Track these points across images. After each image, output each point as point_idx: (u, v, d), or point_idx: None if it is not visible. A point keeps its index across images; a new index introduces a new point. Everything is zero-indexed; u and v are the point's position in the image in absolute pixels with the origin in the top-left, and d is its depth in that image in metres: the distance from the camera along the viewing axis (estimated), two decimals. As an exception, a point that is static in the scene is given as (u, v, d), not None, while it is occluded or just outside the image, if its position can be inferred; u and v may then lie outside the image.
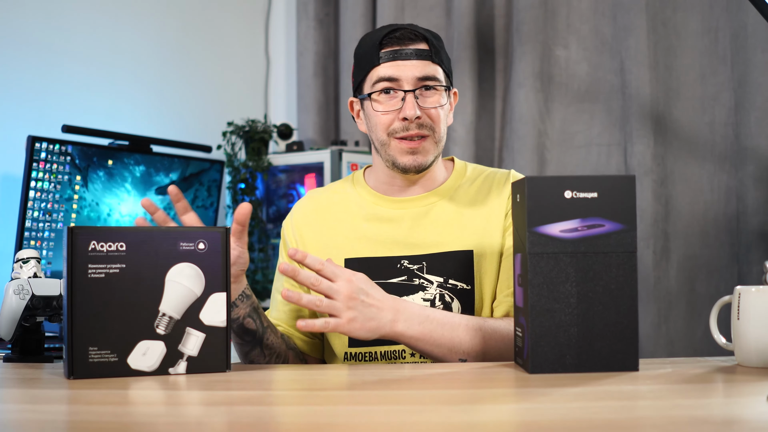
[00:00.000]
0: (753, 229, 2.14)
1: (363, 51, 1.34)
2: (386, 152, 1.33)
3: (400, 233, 1.34)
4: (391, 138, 1.31)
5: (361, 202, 1.39)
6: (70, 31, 2.25)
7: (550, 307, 1.03)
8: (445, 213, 1.35)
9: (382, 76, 1.30)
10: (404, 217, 1.36)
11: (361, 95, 1.35)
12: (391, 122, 1.31)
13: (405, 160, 1.31)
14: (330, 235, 1.37)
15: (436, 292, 1.30)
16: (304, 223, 1.40)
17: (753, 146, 2.15)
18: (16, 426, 0.80)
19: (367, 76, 1.33)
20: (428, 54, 1.31)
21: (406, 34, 1.31)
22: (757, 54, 2.14)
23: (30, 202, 1.95)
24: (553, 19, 2.40)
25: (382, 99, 1.31)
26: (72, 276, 1.02)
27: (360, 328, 1.14)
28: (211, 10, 2.70)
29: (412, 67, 1.30)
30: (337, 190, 1.44)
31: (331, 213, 1.40)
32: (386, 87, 1.30)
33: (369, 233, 1.35)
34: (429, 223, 1.34)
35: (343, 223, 1.38)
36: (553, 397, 0.88)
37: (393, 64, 1.30)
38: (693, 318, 2.22)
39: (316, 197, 1.45)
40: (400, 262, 1.32)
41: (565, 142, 2.38)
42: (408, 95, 1.29)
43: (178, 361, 1.05)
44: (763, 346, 1.05)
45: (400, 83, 1.30)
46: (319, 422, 0.82)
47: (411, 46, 1.31)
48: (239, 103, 2.76)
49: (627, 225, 1.03)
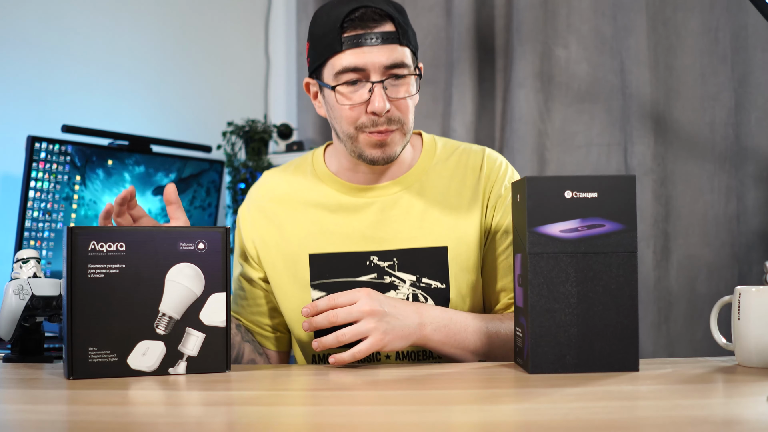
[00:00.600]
0: (753, 229, 2.14)
1: (321, 31, 1.21)
2: (353, 144, 1.23)
3: (368, 226, 1.27)
4: (359, 132, 1.22)
5: (324, 190, 1.30)
6: (70, 31, 2.25)
7: (550, 307, 1.03)
8: (416, 204, 1.27)
9: (347, 66, 1.18)
10: (371, 208, 1.27)
11: (321, 82, 1.24)
12: (358, 116, 1.20)
13: (373, 153, 1.22)
14: (291, 229, 1.29)
15: (408, 291, 1.24)
16: (261, 217, 1.32)
17: (753, 146, 2.15)
18: (16, 426, 0.80)
19: (327, 61, 1.21)
20: (395, 36, 1.19)
21: (368, 14, 1.18)
22: (757, 54, 2.14)
23: (30, 202, 1.95)
24: (553, 19, 2.39)
25: (346, 91, 1.20)
26: (72, 276, 1.02)
27: (394, 339, 1.12)
28: (211, 10, 2.70)
29: (378, 54, 1.18)
30: (297, 176, 1.34)
31: (291, 203, 1.31)
32: (352, 78, 1.19)
33: (334, 226, 1.27)
34: (398, 215, 1.27)
35: (305, 215, 1.29)
36: (553, 397, 0.88)
37: (357, 52, 1.18)
38: (693, 318, 2.21)
39: (273, 183, 1.35)
40: (369, 259, 1.25)
41: (565, 142, 2.38)
42: (376, 87, 1.18)
43: (178, 361, 1.05)
44: (763, 346, 1.05)
45: (367, 73, 1.19)
46: (319, 422, 0.82)
47: (376, 29, 1.18)
48: (239, 103, 2.76)
49: (627, 225, 1.03)
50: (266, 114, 2.85)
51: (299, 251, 1.27)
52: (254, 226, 1.32)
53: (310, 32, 1.25)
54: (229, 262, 1.09)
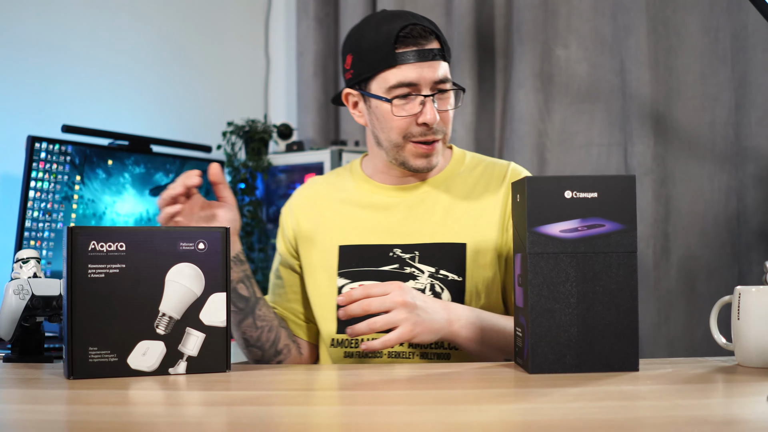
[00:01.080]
0: (753, 229, 2.14)
1: (370, 46, 1.28)
2: (399, 153, 1.32)
3: (394, 222, 1.35)
4: (407, 141, 1.30)
5: (357, 190, 1.41)
6: (70, 31, 2.25)
7: (550, 307, 1.03)
8: (440, 203, 1.36)
9: (401, 81, 1.27)
10: (399, 206, 1.37)
11: (367, 93, 1.31)
12: (408, 126, 1.29)
13: (418, 163, 1.32)
14: (325, 222, 1.39)
15: (427, 281, 1.31)
16: (301, 212, 1.43)
17: (753, 146, 2.15)
18: (16, 426, 0.80)
19: (377, 75, 1.28)
20: (441, 53, 1.29)
21: (418, 31, 1.27)
22: (757, 54, 2.14)
23: (30, 202, 1.95)
24: (553, 19, 2.39)
25: (400, 103, 1.28)
26: (72, 276, 1.02)
27: (424, 331, 1.17)
28: (211, 10, 2.70)
29: (429, 70, 1.27)
30: (335, 179, 1.46)
31: (327, 201, 1.42)
32: (405, 92, 1.27)
33: (363, 221, 1.37)
34: (423, 213, 1.35)
35: (338, 211, 1.39)
36: (553, 397, 0.88)
37: (411, 67, 1.26)
38: (693, 318, 2.21)
39: (314, 185, 1.47)
40: (392, 251, 1.33)
41: (565, 142, 2.38)
42: (428, 101, 1.27)
43: (178, 361, 1.05)
44: (763, 346, 1.05)
45: (418, 87, 1.27)
46: (319, 422, 0.82)
47: (426, 46, 1.27)
48: (239, 103, 2.76)
49: (627, 225, 1.03)
50: (266, 114, 2.85)
51: (331, 243, 1.37)
52: (294, 219, 1.43)
53: (355, 45, 1.31)
54: (229, 262, 1.09)
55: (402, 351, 1.30)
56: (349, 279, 1.34)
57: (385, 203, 1.37)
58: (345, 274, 1.35)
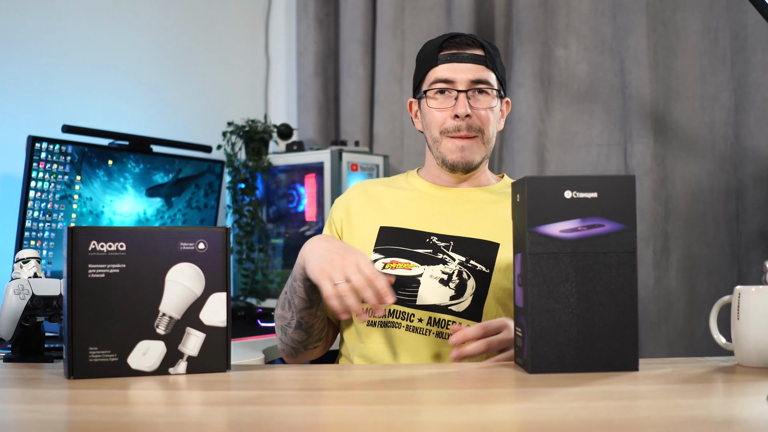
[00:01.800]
0: (753, 229, 2.14)
1: (423, 54, 1.45)
2: (438, 149, 1.43)
3: (436, 213, 1.43)
4: (443, 136, 1.42)
5: (409, 187, 1.51)
6: (70, 31, 2.25)
7: (550, 307, 1.03)
8: (483, 207, 1.44)
9: (439, 77, 1.40)
10: (444, 201, 1.45)
11: (418, 94, 1.46)
12: (443, 120, 1.41)
13: (454, 156, 1.41)
14: (373, 207, 1.48)
15: (456, 268, 1.37)
16: (355, 200, 1.50)
17: (753, 146, 2.15)
18: (16, 426, 0.80)
19: (425, 77, 1.44)
20: (483, 59, 1.41)
21: (465, 40, 1.42)
22: (757, 54, 2.14)
23: (30, 202, 1.95)
24: (553, 19, 2.40)
25: (437, 97, 1.42)
26: (72, 276, 1.02)
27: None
28: (211, 10, 2.70)
29: (467, 71, 1.40)
30: (390, 179, 1.57)
31: (379, 192, 1.51)
32: (442, 87, 1.40)
33: (408, 209, 1.45)
34: (465, 212, 1.43)
35: (387, 200, 1.48)
36: (553, 397, 0.88)
37: (450, 66, 1.40)
38: (693, 318, 2.22)
39: (370, 182, 1.57)
40: (429, 237, 1.40)
41: (565, 142, 2.38)
42: (461, 95, 1.39)
43: (178, 361, 1.05)
44: (763, 346, 1.05)
45: (455, 84, 1.40)
46: (319, 422, 0.82)
47: (468, 51, 1.41)
48: (239, 103, 2.76)
49: (627, 225, 1.03)
50: (266, 114, 2.85)
51: (373, 223, 1.45)
52: (346, 208, 1.50)
53: (417, 57, 1.49)
54: (230, 261, 1.09)
55: (420, 327, 1.35)
56: (383, 255, 1.40)
57: (430, 197, 1.47)
58: (379, 251, 1.41)
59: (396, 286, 1.33)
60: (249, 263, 2.52)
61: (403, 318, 1.35)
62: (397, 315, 1.36)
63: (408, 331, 1.35)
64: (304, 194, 2.50)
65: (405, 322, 1.35)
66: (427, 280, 1.36)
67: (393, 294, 1.16)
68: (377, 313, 1.20)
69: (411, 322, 1.35)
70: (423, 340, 1.34)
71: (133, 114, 2.41)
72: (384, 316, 1.36)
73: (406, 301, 1.35)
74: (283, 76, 2.90)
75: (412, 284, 1.36)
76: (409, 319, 1.35)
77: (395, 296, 1.17)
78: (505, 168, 2.43)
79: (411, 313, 1.35)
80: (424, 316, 1.35)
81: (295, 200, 2.52)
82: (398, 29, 2.61)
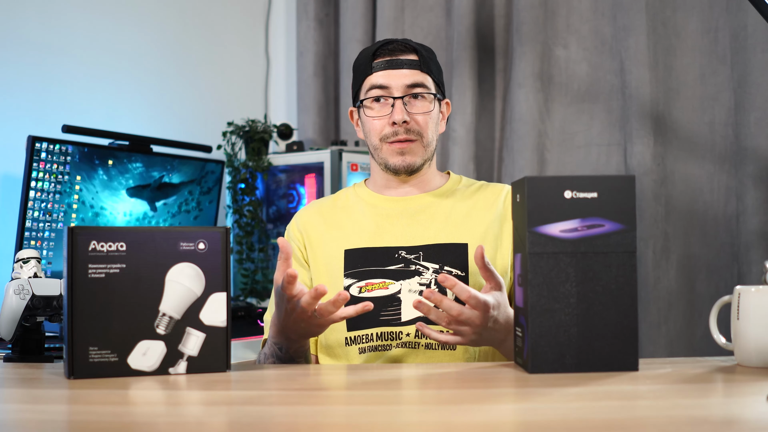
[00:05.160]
0: (753, 229, 2.14)
1: (358, 63, 1.45)
2: (379, 155, 1.43)
3: (398, 227, 1.42)
4: (383, 143, 1.41)
5: (361, 202, 1.49)
6: (70, 31, 2.25)
7: (550, 307, 1.03)
8: (441, 211, 1.44)
9: (374, 84, 1.40)
10: (402, 214, 1.44)
11: (356, 104, 1.46)
12: (382, 128, 1.41)
13: (395, 160, 1.41)
14: (331, 230, 1.45)
15: (432, 276, 1.37)
16: (307, 222, 1.48)
17: (753, 146, 2.15)
18: (16, 426, 0.80)
19: (361, 85, 1.43)
20: (417, 63, 1.41)
21: (398, 46, 1.42)
22: (757, 54, 2.14)
23: (30, 202, 1.95)
24: (553, 19, 2.39)
25: (374, 106, 1.42)
26: (72, 276, 1.02)
27: (471, 343, 1.20)
28: (211, 10, 2.70)
29: (401, 76, 1.40)
30: (337, 196, 1.54)
31: (332, 213, 1.49)
32: (378, 95, 1.40)
33: (368, 227, 1.43)
34: (425, 219, 1.43)
35: (344, 220, 1.46)
36: (553, 397, 0.88)
37: (384, 73, 1.40)
38: (693, 318, 2.21)
39: (317, 203, 1.54)
40: (397, 252, 1.39)
41: (565, 142, 2.38)
42: (397, 102, 1.39)
43: (178, 361, 1.05)
44: (763, 346, 1.05)
45: (390, 90, 1.40)
46: (319, 422, 0.82)
47: (401, 56, 1.41)
48: (239, 103, 2.76)
49: (627, 225, 1.03)
50: (266, 114, 2.85)
51: (336, 248, 1.42)
52: (302, 229, 1.48)
53: (353, 66, 1.47)
54: (230, 261, 1.09)
55: (410, 341, 1.34)
56: (355, 279, 1.39)
57: (387, 211, 1.45)
58: (351, 275, 1.39)
59: (378, 307, 1.34)
60: (249, 263, 2.52)
61: (392, 338, 1.35)
62: (385, 337, 1.35)
63: (399, 348, 1.35)
64: (304, 194, 2.50)
65: (395, 342, 1.34)
66: (407, 295, 1.36)
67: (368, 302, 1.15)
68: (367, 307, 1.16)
69: (400, 339, 1.34)
70: (413, 353, 1.34)
71: (133, 114, 2.41)
72: (373, 340, 1.35)
73: (391, 321, 1.35)
74: (283, 77, 2.90)
75: (393, 303, 1.36)
76: (398, 338, 1.35)
77: (371, 304, 1.16)
78: (505, 168, 2.43)
79: (399, 331, 1.35)
80: (412, 331, 1.34)
81: (295, 200, 2.53)
82: (398, 29, 2.61)
